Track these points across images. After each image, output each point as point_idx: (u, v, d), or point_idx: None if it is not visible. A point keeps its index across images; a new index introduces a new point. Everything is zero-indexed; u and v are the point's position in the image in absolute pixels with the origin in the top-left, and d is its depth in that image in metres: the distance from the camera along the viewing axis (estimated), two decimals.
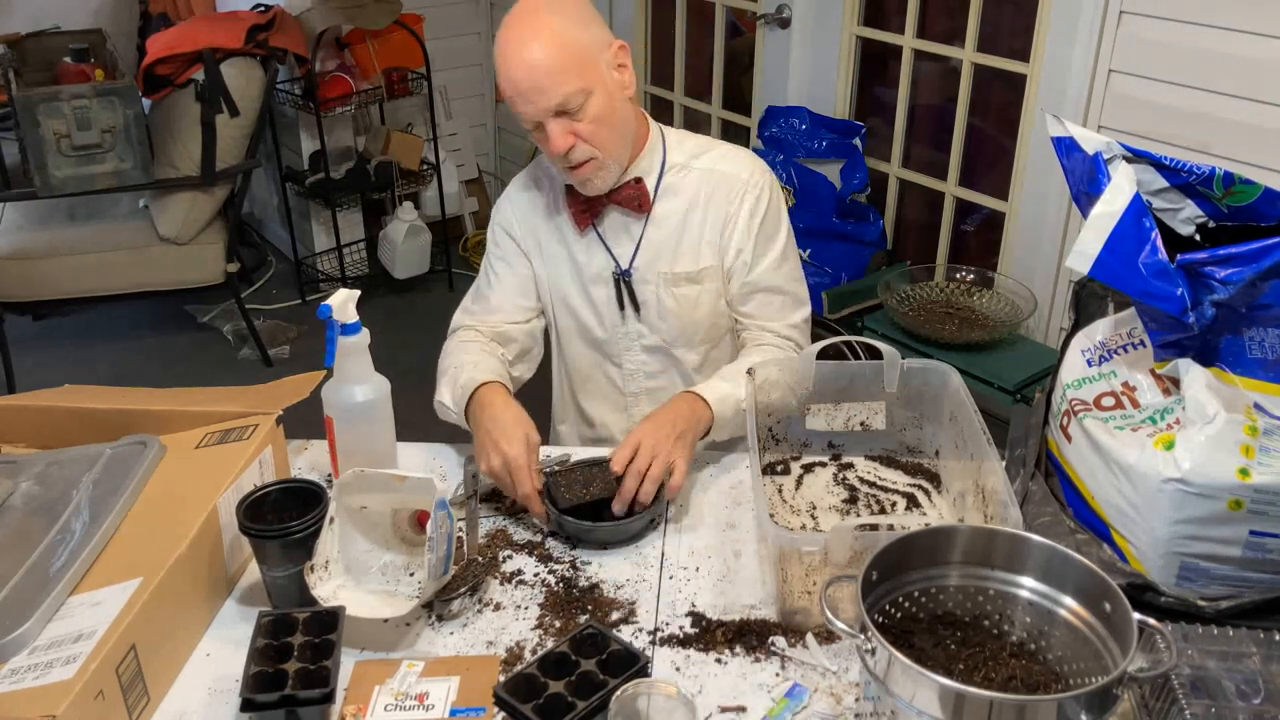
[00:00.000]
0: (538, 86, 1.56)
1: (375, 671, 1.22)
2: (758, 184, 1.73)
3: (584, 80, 1.58)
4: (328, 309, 1.40)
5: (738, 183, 1.73)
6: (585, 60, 1.58)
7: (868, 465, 1.62)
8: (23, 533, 1.27)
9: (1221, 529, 1.20)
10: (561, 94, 1.56)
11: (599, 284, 1.77)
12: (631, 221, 1.74)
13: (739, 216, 1.72)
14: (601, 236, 1.76)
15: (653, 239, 1.74)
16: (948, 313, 2.81)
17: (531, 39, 1.56)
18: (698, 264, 1.74)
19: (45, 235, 3.56)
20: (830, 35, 3.18)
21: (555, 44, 1.56)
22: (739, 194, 1.72)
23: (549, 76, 1.55)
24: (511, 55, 1.57)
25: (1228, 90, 2.24)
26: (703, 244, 1.74)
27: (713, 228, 1.74)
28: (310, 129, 3.95)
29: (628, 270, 1.75)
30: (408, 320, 4.06)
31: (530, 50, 1.55)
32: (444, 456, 1.65)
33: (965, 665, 1.14)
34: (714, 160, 1.75)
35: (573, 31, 1.58)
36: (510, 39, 1.58)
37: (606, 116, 1.61)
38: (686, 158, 1.75)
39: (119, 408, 1.53)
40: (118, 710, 1.12)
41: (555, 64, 1.55)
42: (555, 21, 1.57)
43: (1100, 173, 1.28)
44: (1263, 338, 1.23)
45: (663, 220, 1.74)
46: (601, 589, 1.37)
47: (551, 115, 1.58)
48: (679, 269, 1.75)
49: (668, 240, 1.74)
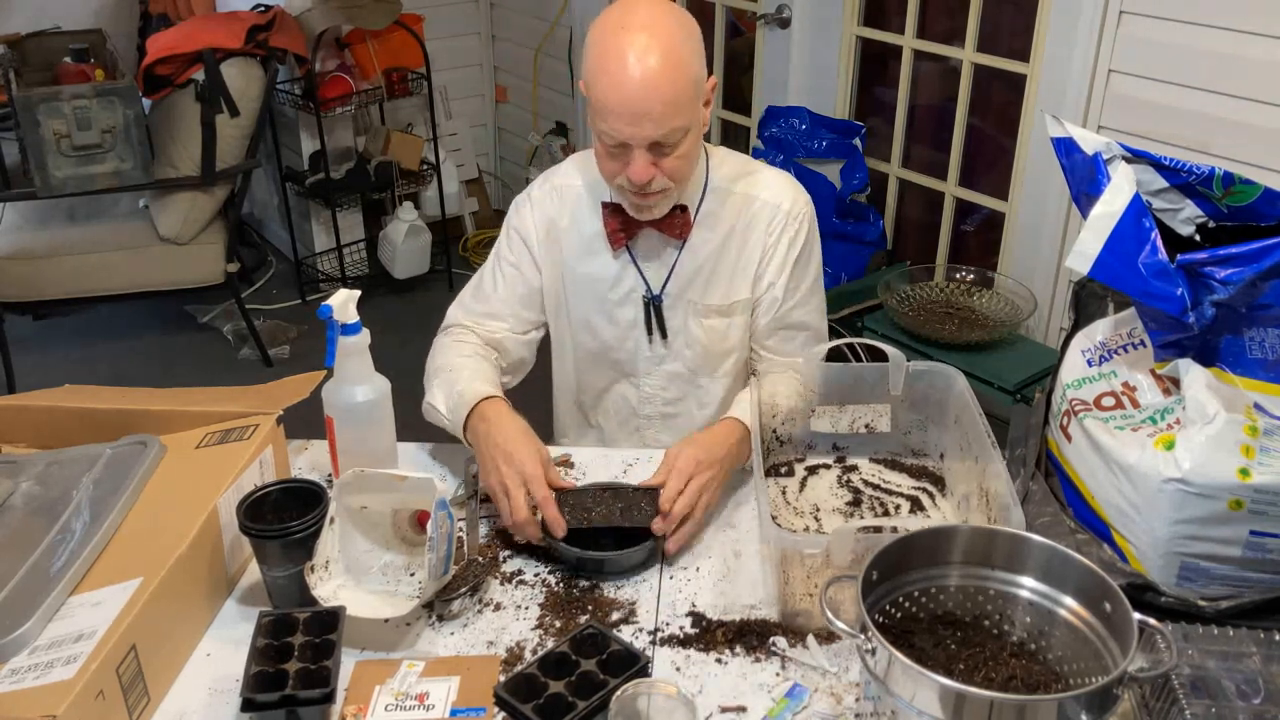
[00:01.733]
0: (649, 113, 1.44)
1: (375, 671, 1.22)
2: (798, 216, 1.66)
3: (689, 117, 1.49)
4: (328, 309, 1.40)
5: (778, 214, 1.65)
6: (694, 96, 1.49)
7: (872, 468, 1.62)
8: (23, 533, 1.27)
9: (1221, 529, 1.20)
10: (669, 127, 1.46)
11: (626, 305, 1.70)
12: (667, 246, 1.66)
13: (776, 249, 1.66)
14: (635, 258, 1.67)
15: (686, 266, 1.67)
16: (948, 313, 2.81)
17: (657, 56, 1.43)
18: (730, 297, 1.68)
19: (45, 235, 3.56)
20: (830, 35, 3.18)
21: (681, 71, 1.45)
22: (779, 226, 1.65)
23: (665, 106, 1.44)
24: (628, 69, 1.43)
25: (1228, 90, 2.24)
26: (736, 276, 1.67)
27: (748, 260, 1.66)
28: (310, 129, 3.95)
29: (659, 296, 1.68)
30: (408, 320, 4.06)
31: (653, 70, 1.43)
32: (444, 456, 1.65)
33: (965, 665, 1.14)
34: (754, 186, 1.66)
35: (693, 63, 1.48)
36: (630, 46, 1.43)
37: (692, 154, 1.54)
38: (727, 181, 1.66)
39: (119, 408, 1.53)
40: (118, 710, 1.12)
41: (675, 95, 1.45)
42: (681, 46, 1.46)
43: (1100, 173, 1.29)
44: (1263, 338, 1.23)
45: (699, 248, 1.66)
46: (601, 589, 1.37)
47: (646, 144, 1.47)
48: (710, 301, 1.68)
49: (702, 270, 1.67)
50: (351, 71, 3.95)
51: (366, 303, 1.64)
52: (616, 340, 1.73)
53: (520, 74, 4.49)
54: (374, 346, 1.46)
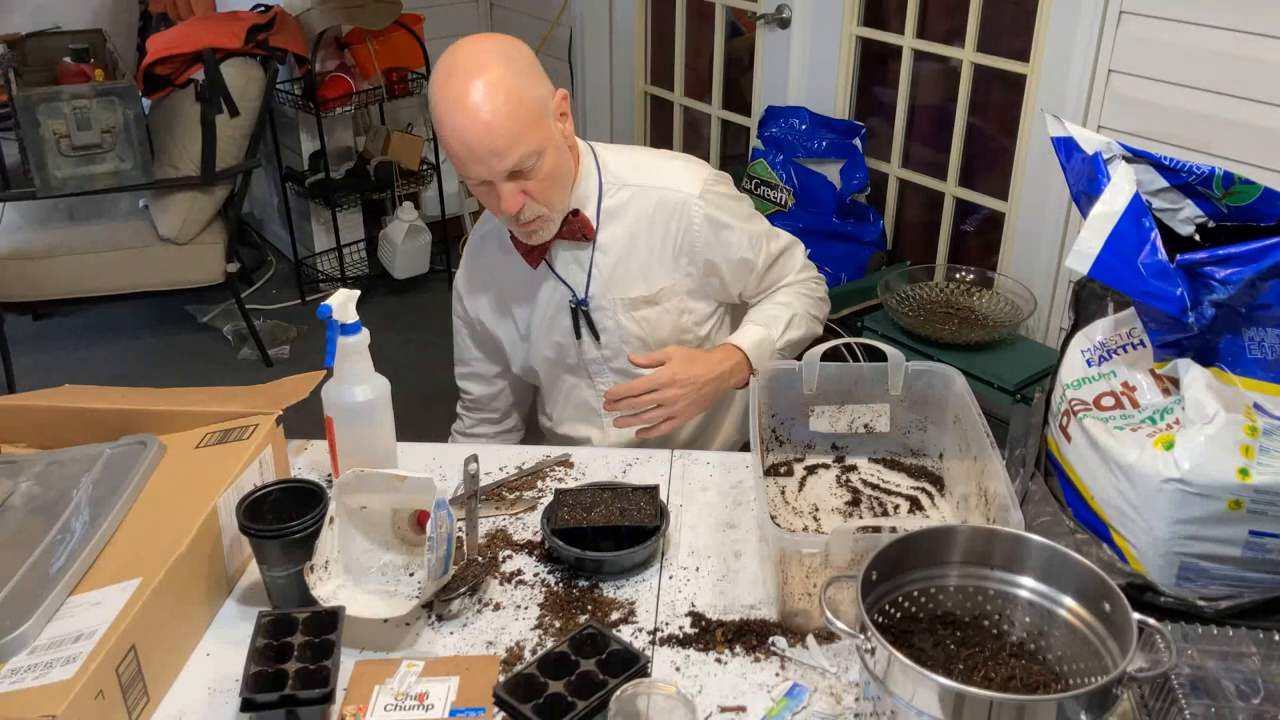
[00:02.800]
0: (494, 149, 1.49)
1: (375, 671, 1.22)
2: (701, 196, 1.69)
3: (538, 140, 1.52)
4: (328, 309, 1.40)
5: (678, 197, 1.69)
6: (539, 118, 1.53)
7: (871, 468, 1.62)
8: (23, 533, 1.27)
9: (1221, 529, 1.20)
10: (518, 155, 1.50)
11: (562, 314, 1.77)
12: (580, 251, 1.72)
13: (694, 234, 1.70)
14: (554, 269, 1.74)
15: (603, 266, 1.72)
16: (948, 313, 2.81)
17: (487, 98, 1.48)
18: (651, 286, 1.73)
19: (45, 235, 3.56)
20: (830, 35, 3.18)
21: (512, 102, 1.49)
22: (683, 210, 1.69)
23: (506, 139, 1.49)
24: (463, 113, 1.48)
25: (1228, 90, 2.24)
26: (654, 265, 1.72)
27: (662, 247, 1.71)
28: (310, 129, 3.96)
29: (584, 300, 1.74)
30: (408, 320, 4.06)
31: (484, 110, 1.47)
32: (444, 456, 1.65)
33: (965, 665, 1.14)
34: (650, 176, 1.71)
35: (526, 89, 1.51)
36: (460, 93, 1.48)
37: (555, 172, 1.58)
38: (622, 176, 1.71)
39: (119, 408, 1.53)
40: (118, 710, 1.12)
41: (512, 126, 1.49)
42: (509, 78, 1.50)
43: (1100, 173, 1.28)
44: (1262, 338, 1.23)
45: (609, 246, 1.72)
46: (601, 589, 1.37)
47: (504, 177, 1.52)
48: (634, 294, 1.73)
49: (618, 266, 1.72)
50: (351, 71, 3.95)
51: (366, 303, 1.65)
52: (559, 350, 1.80)
53: None
54: (374, 346, 1.46)
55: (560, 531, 1.41)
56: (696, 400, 1.65)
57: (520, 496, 1.56)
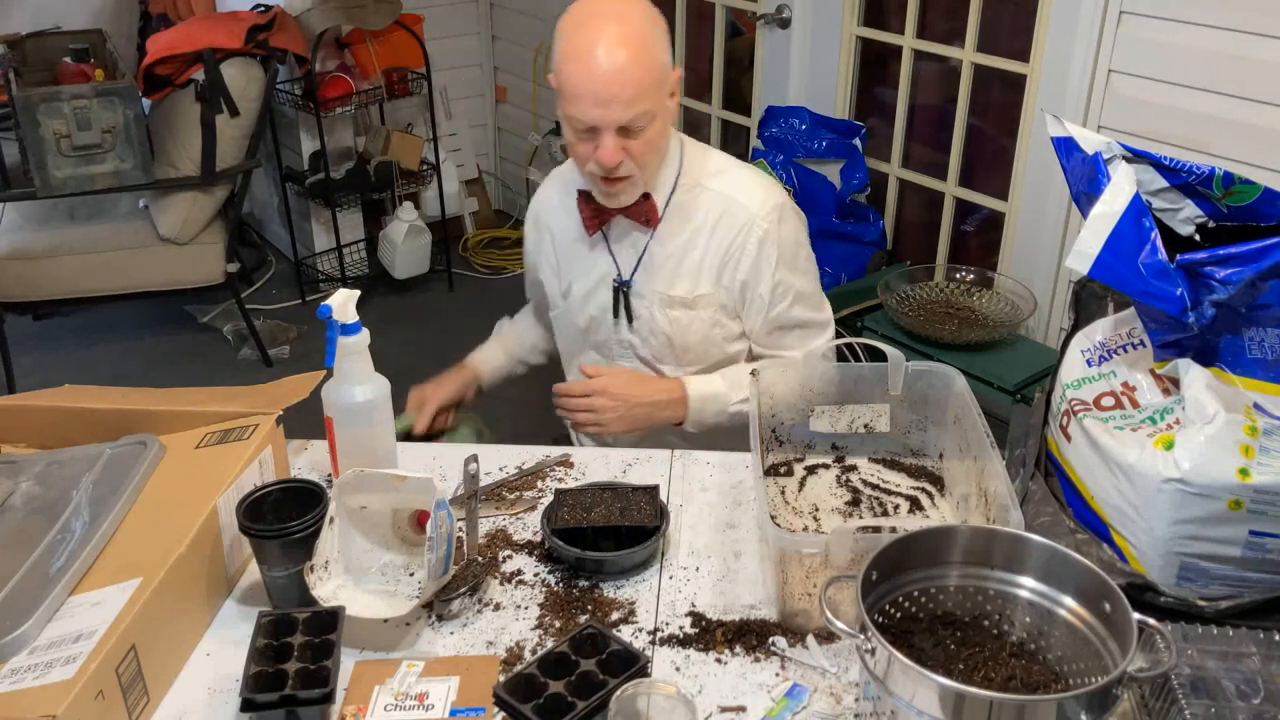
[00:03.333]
0: (617, 97, 1.52)
1: (375, 671, 1.22)
2: (766, 218, 1.69)
3: (655, 102, 1.56)
4: (328, 309, 1.40)
5: (745, 215, 1.70)
6: (661, 82, 1.57)
7: (871, 468, 1.62)
8: (23, 533, 1.27)
9: (1221, 529, 1.20)
10: (637, 109, 1.54)
11: (601, 289, 1.79)
12: (638, 233, 1.74)
13: (744, 252, 1.70)
14: (608, 242, 1.76)
15: (654, 255, 1.74)
16: (948, 313, 2.81)
17: (623, 45, 1.51)
18: (694, 290, 1.74)
19: (45, 235, 3.56)
20: (830, 35, 3.18)
21: (646, 57, 1.53)
22: (744, 227, 1.70)
23: (634, 89, 1.52)
24: (599, 54, 1.51)
25: (1228, 90, 2.24)
26: (703, 270, 1.73)
27: (715, 255, 1.72)
28: (310, 129, 3.96)
29: (627, 281, 1.76)
30: (408, 320, 4.06)
31: (619, 55, 1.51)
32: (444, 456, 1.65)
33: (965, 665, 1.14)
34: (727, 185, 1.72)
35: (659, 51, 1.56)
36: (599, 35, 1.52)
37: (657, 141, 1.61)
38: (700, 177, 1.72)
39: (119, 408, 1.53)
40: (118, 710, 1.12)
41: (643, 79, 1.53)
42: (648, 35, 1.55)
43: (1100, 173, 1.28)
44: (1262, 338, 1.23)
45: (668, 239, 1.73)
46: (601, 589, 1.37)
47: (615, 127, 1.55)
48: (675, 291, 1.74)
49: (668, 260, 1.73)
50: (351, 71, 3.95)
51: (366, 303, 1.66)
52: (593, 322, 1.82)
53: (520, 74, 4.50)
54: (374, 346, 1.46)
55: (560, 531, 1.41)
56: (625, 417, 1.71)
57: (520, 496, 1.56)
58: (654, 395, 1.72)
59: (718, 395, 1.73)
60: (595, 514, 1.43)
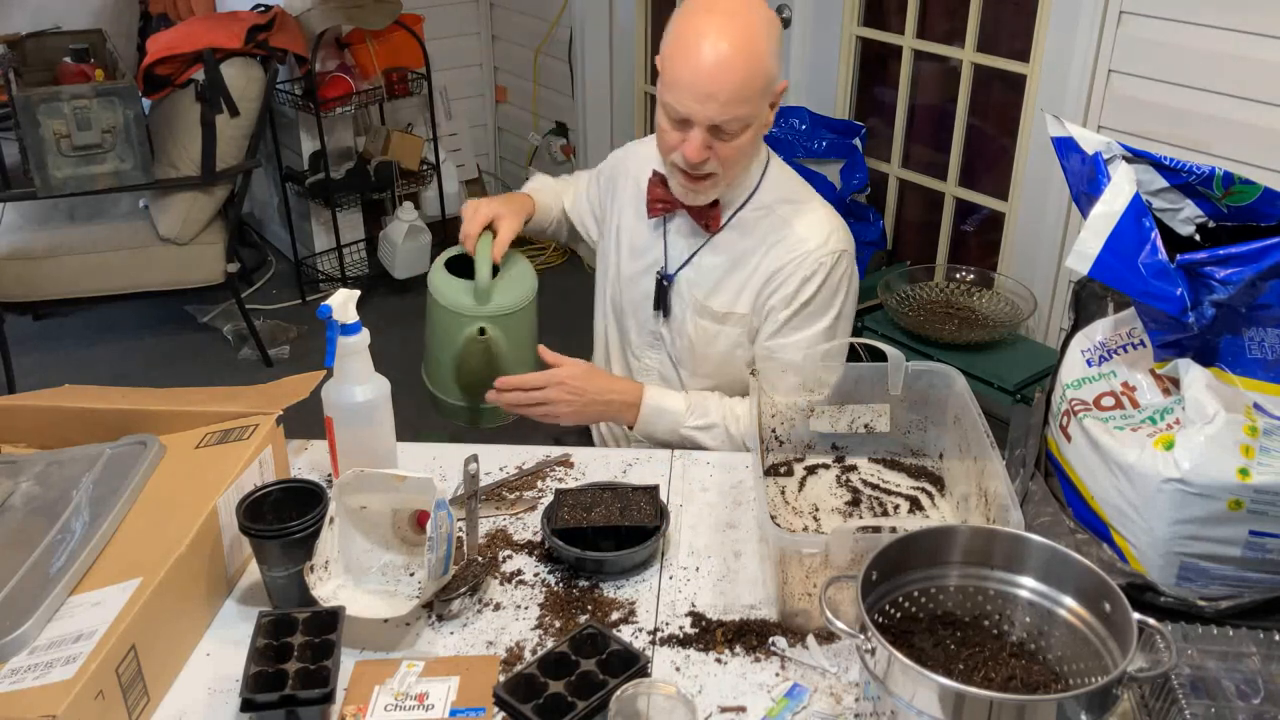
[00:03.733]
0: (716, 94, 1.49)
1: (375, 671, 1.22)
2: (817, 260, 1.65)
3: (755, 110, 1.54)
4: (328, 309, 1.40)
5: (800, 250, 1.66)
6: (764, 90, 1.54)
7: (871, 468, 1.62)
8: (23, 533, 1.27)
9: (1221, 529, 1.20)
10: (733, 113, 1.51)
11: (646, 276, 1.78)
12: (695, 233, 1.72)
13: (785, 282, 1.67)
14: (665, 232, 1.75)
15: (704, 261, 1.72)
16: (948, 313, 2.81)
17: (735, 42, 1.48)
18: (730, 307, 1.71)
19: (45, 235, 3.56)
20: (830, 35, 3.18)
21: (755, 62, 1.50)
22: (795, 261, 1.66)
23: (735, 91, 1.49)
24: (710, 48, 1.48)
25: (1228, 90, 2.24)
26: (744, 290, 1.70)
27: (759, 279, 1.69)
28: (310, 129, 3.96)
29: (671, 276, 1.74)
30: (408, 320, 4.05)
31: (729, 52, 1.48)
32: (444, 456, 1.65)
33: (965, 665, 1.14)
34: (796, 216, 1.68)
35: (769, 58, 1.52)
36: (716, 28, 1.49)
37: (745, 149, 1.59)
38: (773, 199, 1.69)
39: (119, 408, 1.53)
40: (118, 710, 1.12)
41: (745, 82, 1.49)
42: (762, 38, 1.51)
43: (1100, 173, 1.28)
44: (1262, 338, 1.23)
45: (722, 249, 1.71)
46: (601, 589, 1.37)
47: (708, 125, 1.52)
48: (710, 303, 1.72)
49: (714, 271, 1.71)
50: (351, 71, 3.95)
51: (366, 303, 1.65)
52: (630, 304, 1.82)
53: (520, 74, 4.50)
54: (374, 346, 1.46)
55: (560, 531, 1.41)
56: (579, 411, 1.69)
57: (520, 496, 1.56)
58: (609, 394, 1.70)
59: (672, 412, 1.70)
60: (595, 514, 1.43)
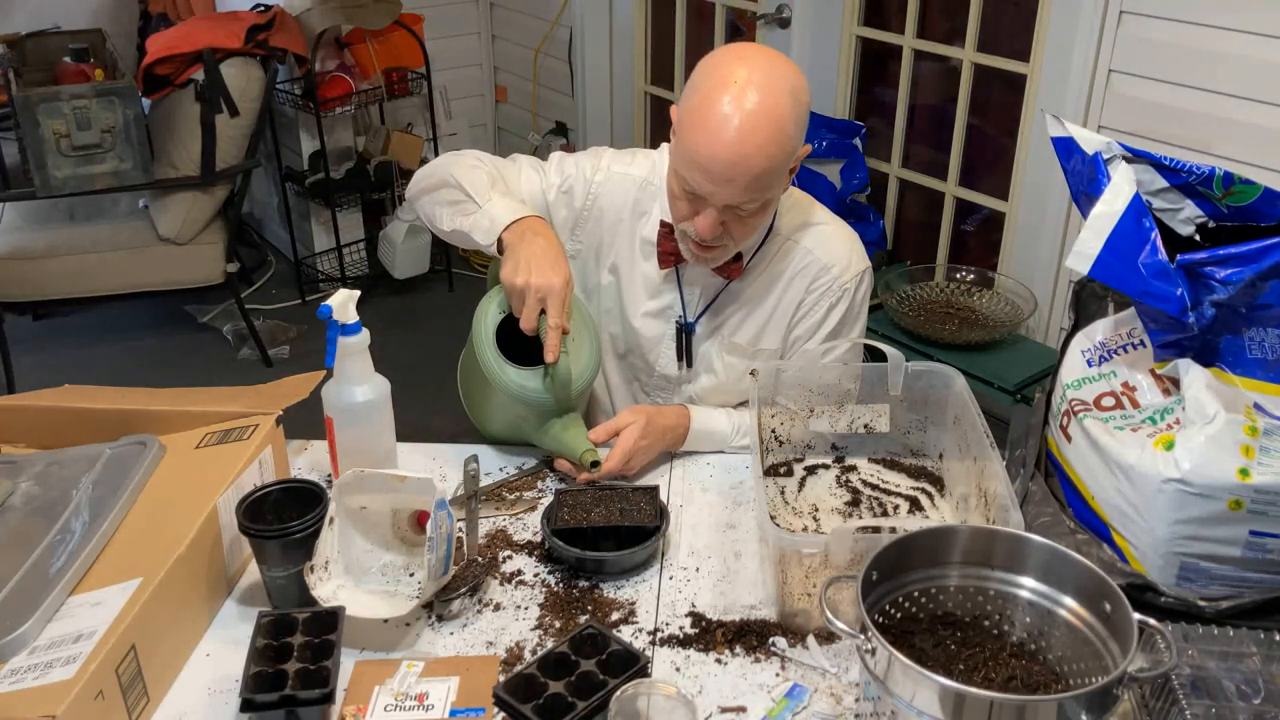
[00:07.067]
0: (734, 180, 1.40)
1: (375, 671, 1.22)
2: (842, 288, 1.62)
3: (772, 192, 1.46)
4: (328, 309, 1.40)
5: (826, 276, 1.62)
6: (783, 172, 1.45)
7: (871, 468, 1.62)
8: (23, 533, 1.27)
9: (1221, 529, 1.20)
10: (748, 197, 1.43)
11: (659, 319, 1.69)
12: (713, 280, 1.64)
13: (815, 309, 1.63)
14: (680, 281, 1.66)
15: (726, 301, 1.66)
16: (948, 313, 2.81)
17: (759, 130, 1.37)
18: (757, 343, 1.67)
19: (45, 235, 3.56)
20: (830, 35, 3.18)
21: (774, 150, 1.39)
22: (823, 288, 1.62)
23: (751, 178, 1.40)
24: (728, 130, 1.37)
25: (1228, 90, 2.24)
26: (771, 325, 1.66)
27: (787, 308, 1.64)
28: (310, 129, 3.95)
29: (693, 324, 1.67)
30: (408, 320, 4.06)
31: (750, 140, 1.37)
32: (444, 456, 1.65)
33: (965, 665, 1.14)
34: (816, 242, 1.62)
35: (794, 134, 1.42)
36: (736, 108, 1.37)
37: (760, 222, 1.51)
38: (789, 230, 1.63)
39: (119, 408, 1.53)
40: (118, 710, 1.12)
41: (765, 169, 1.40)
42: (788, 124, 1.40)
43: (1100, 173, 1.29)
44: (1263, 338, 1.23)
45: (744, 287, 1.64)
46: (601, 589, 1.37)
47: (721, 205, 1.44)
48: (738, 339, 1.67)
49: (740, 308, 1.66)
50: (351, 71, 3.95)
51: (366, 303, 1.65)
52: (639, 347, 1.72)
53: (520, 74, 4.49)
54: (374, 346, 1.46)
55: (560, 532, 1.41)
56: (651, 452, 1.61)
57: (520, 496, 1.56)
58: (669, 433, 1.62)
59: (719, 434, 1.66)
60: (595, 514, 1.43)
